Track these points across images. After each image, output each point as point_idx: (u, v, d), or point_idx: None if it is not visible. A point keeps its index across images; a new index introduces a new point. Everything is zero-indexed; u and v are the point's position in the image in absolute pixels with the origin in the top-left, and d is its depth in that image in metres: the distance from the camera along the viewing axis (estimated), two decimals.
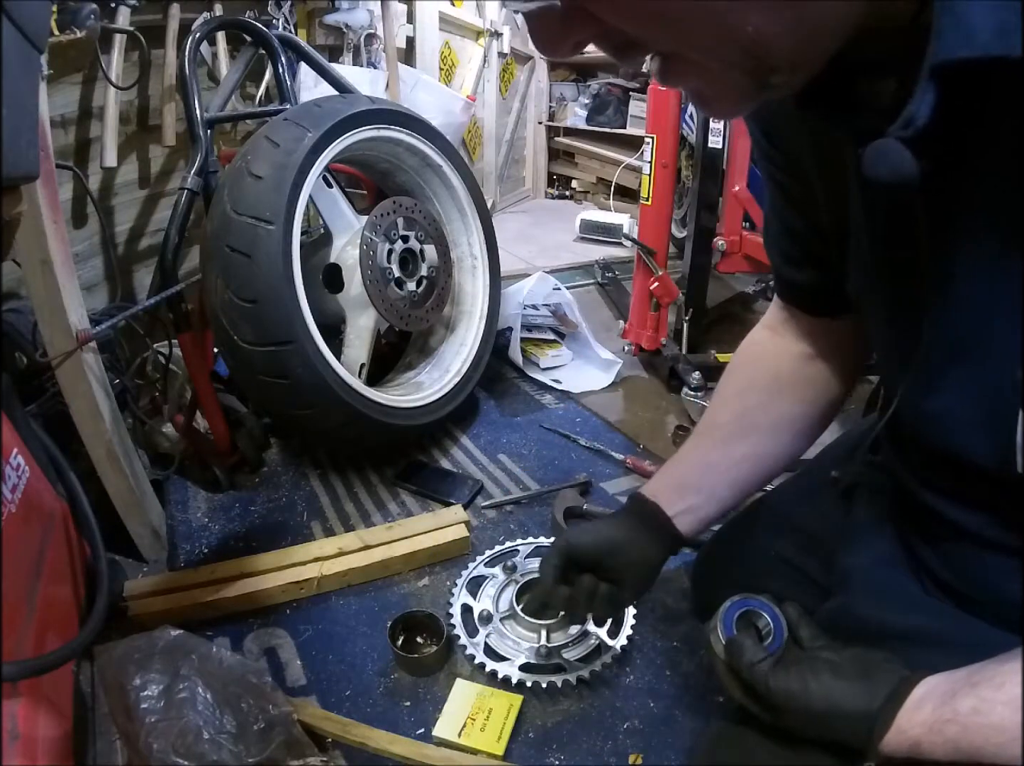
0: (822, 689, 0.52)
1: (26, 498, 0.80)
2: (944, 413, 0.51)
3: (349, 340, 1.46)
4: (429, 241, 1.50)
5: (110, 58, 1.55)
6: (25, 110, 0.61)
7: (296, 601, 1.11)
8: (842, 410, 0.83)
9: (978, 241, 0.44)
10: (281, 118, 1.30)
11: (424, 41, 2.74)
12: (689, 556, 1.19)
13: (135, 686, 0.76)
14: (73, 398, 1.02)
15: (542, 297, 1.94)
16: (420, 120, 1.51)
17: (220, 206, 1.20)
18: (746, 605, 0.62)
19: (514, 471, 1.47)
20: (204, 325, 1.32)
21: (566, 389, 1.80)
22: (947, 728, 0.44)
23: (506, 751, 0.87)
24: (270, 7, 1.95)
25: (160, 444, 1.38)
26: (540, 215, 3.78)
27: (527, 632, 1.00)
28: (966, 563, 0.58)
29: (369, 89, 2.02)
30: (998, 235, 0.43)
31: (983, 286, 0.45)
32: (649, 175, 1.76)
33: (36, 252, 0.92)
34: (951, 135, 0.40)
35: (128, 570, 1.15)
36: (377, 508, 1.35)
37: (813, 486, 0.86)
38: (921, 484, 0.60)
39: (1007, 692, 0.43)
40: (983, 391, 0.48)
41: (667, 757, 0.87)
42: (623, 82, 3.74)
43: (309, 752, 0.80)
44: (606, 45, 0.40)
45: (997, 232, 0.43)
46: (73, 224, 1.64)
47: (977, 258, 0.45)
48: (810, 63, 0.39)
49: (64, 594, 0.86)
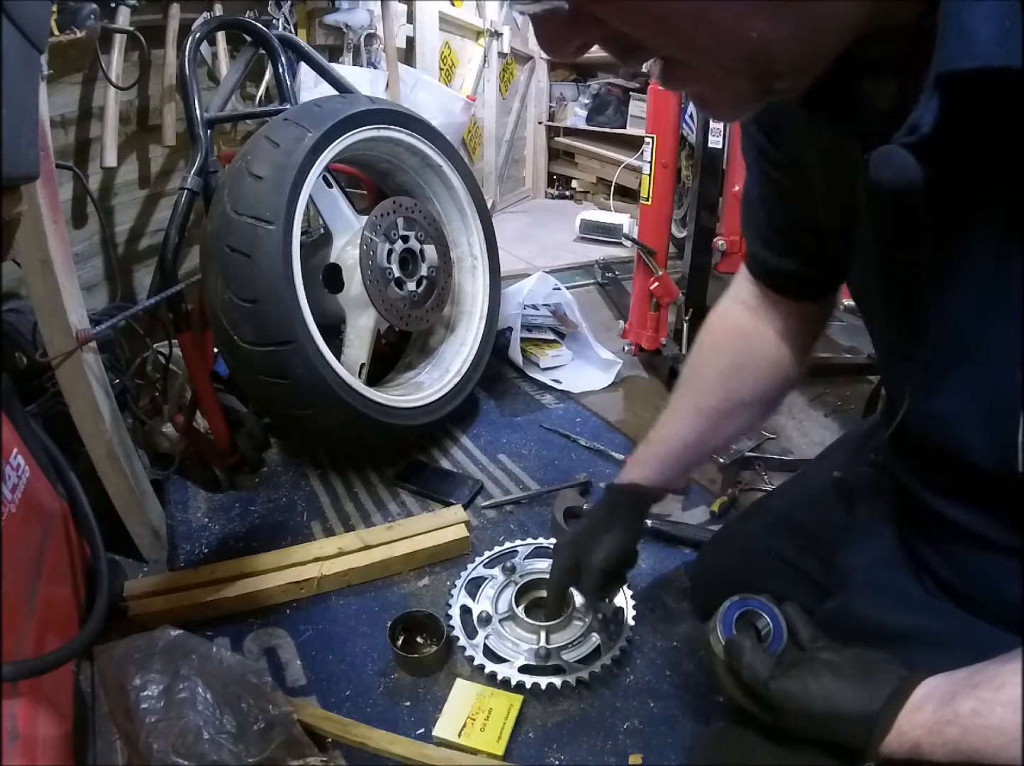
0: (822, 690, 0.52)
1: (26, 498, 0.80)
2: (946, 414, 0.52)
3: (349, 340, 1.46)
4: (429, 241, 1.50)
5: (110, 58, 1.55)
6: (25, 110, 0.61)
7: (296, 601, 1.11)
8: (842, 410, 0.84)
9: (979, 244, 0.45)
10: (281, 118, 1.30)
11: (424, 41, 2.74)
12: (689, 556, 1.20)
13: (135, 686, 0.76)
14: (73, 398, 1.02)
15: (542, 297, 1.94)
16: (420, 120, 1.51)
17: (220, 206, 1.20)
18: (746, 605, 0.63)
19: (514, 471, 1.47)
20: (204, 325, 1.32)
21: (566, 389, 1.80)
22: (947, 729, 0.44)
23: (506, 751, 0.87)
24: (270, 7, 1.95)
25: (160, 444, 1.38)
26: (540, 215, 3.78)
27: (526, 633, 1.00)
28: (967, 563, 0.58)
29: (369, 89, 2.02)
30: (998, 238, 0.43)
31: (983, 288, 0.45)
32: (649, 175, 1.76)
33: (36, 252, 0.92)
34: (955, 141, 0.40)
35: (128, 570, 1.15)
36: (377, 508, 1.35)
37: (814, 486, 0.86)
38: (922, 484, 0.61)
39: (1007, 693, 0.43)
40: (984, 392, 0.48)
41: (667, 757, 0.87)
42: (623, 82, 3.74)
43: (309, 752, 0.80)
44: (610, 47, 0.40)
45: (997, 235, 0.43)
46: (73, 224, 1.64)
47: (978, 261, 0.45)
48: (814, 67, 0.39)
49: (64, 594, 0.86)
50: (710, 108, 0.42)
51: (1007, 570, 0.54)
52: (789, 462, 1.44)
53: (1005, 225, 0.43)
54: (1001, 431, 0.47)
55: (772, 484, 1.39)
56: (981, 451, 0.50)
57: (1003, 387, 0.46)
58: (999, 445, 0.48)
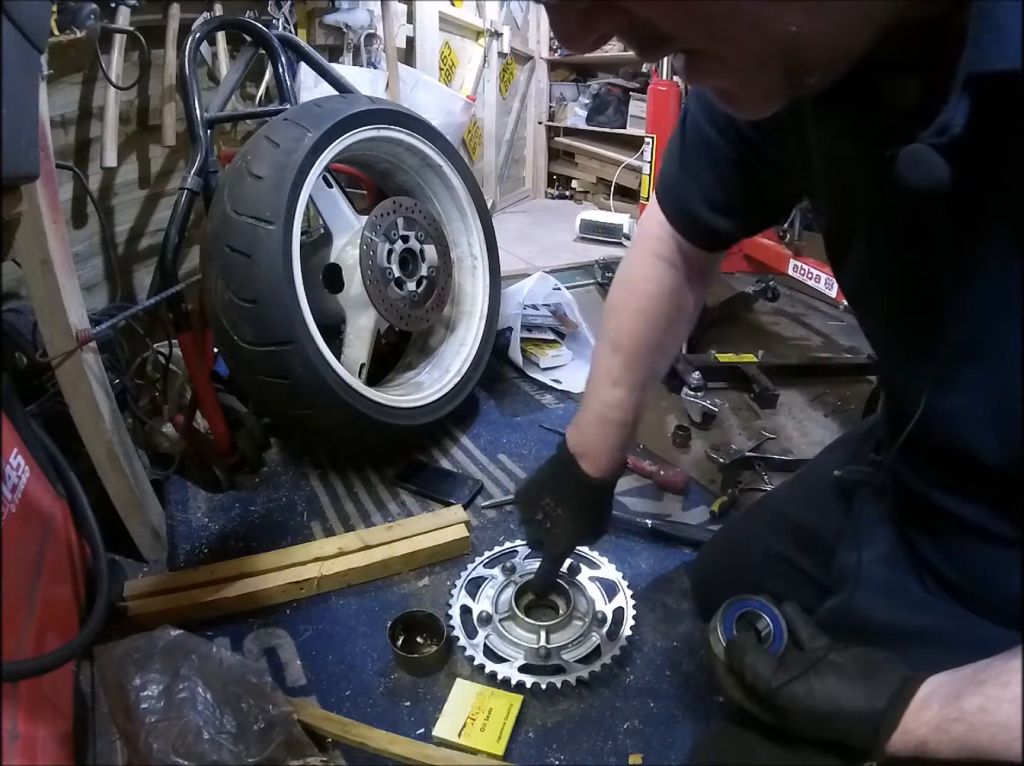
0: (826, 691, 0.52)
1: (26, 498, 0.80)
2: (955, 412, 0.52)
3: (349, 340, 1.46)
4: (429, 241, 1.50)
5: (110, 58, 1.55)
6: (25, 110, 0.61)
7: (296, 601, 1.11)
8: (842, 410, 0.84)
9: (996, 246, 0.45)
10: (281, 118, 1.30)
11: (424, 41, 2.74)
12: (689, 556, 1.20)
13: (135, 686, 0.76)
14: (73, 398, 1.02)
15: (542, 297, 1.94)
16: (420, 120, 1.51)
17: (220, 206, 1.20)
18: (745, 606, 0.63)
19: (514, 471, 1.47)
20: (204, 325, 1.32)
21: (566, 389, 1.80)
22: (954, 727, 0.44)
23: (506, 751, 0.87)
24: (270, 7, 1.95)
25: (160, 444, 1.38)
26: (540, 215, 3.78)
27: (526, 633, 1.00)
28: (967, 559, 0.59)
29: (369, 89, 2.02)
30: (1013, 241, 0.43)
31: (996, 289, 0.46)
32: (649, 175, 1.77)
33: (36, 252, 0.92)
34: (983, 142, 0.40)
35: (128, 570, 1.15)
36: (377, 508, 1.35)
37: (813, 486, 0.86)
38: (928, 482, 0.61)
39: (1013, 690, 0.43)
40: (992, 392, 0.48)
41: (667, 757, 0.87)
42: (623, 82, 3.74)
43: (309, 752, 0.80)
44: (631, 39, 0.38)
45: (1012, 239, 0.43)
46: (73, 224, 1.64)
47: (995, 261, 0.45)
48: (843, 63, 0.38)
49: (64, 594, 0.86)
50: (736, 104, 0.41)
51: (1008, 565, 0.54)
52: (789, 462, 1.44)
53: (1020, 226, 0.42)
54: (1009, 430, 0.47)
55: (772, 484, 1.39)
56: (989, 449, 0.50)
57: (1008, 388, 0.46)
58: (1006, 444, 0.48)
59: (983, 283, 0.46)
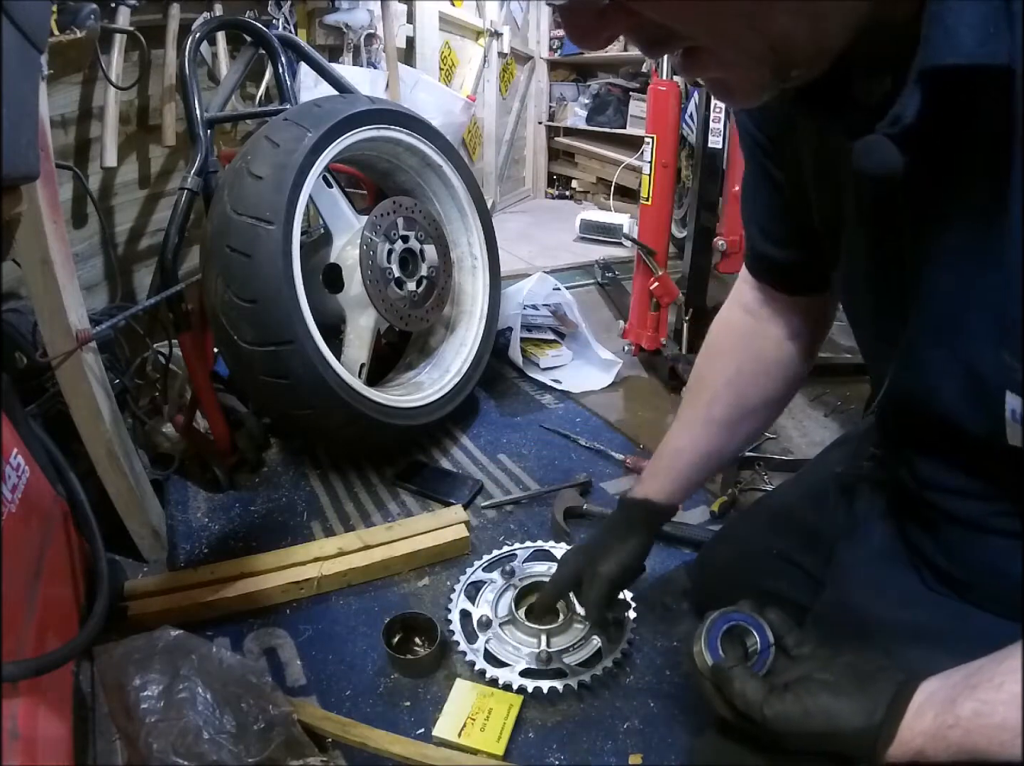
0: (820, 710, 0.51)
1: (26, 498, 0.80)
2: (932, 389, 0.53)
3: (349, 340, 1.46)
4: (429, 241, 1.50)
5: (110, 58, 1.55)
6: (25, 110, 0.61)
7: (296, 601, 1.11)
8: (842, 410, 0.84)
9: (952, 231, 0.47)
10: (281, 118, 1.30)
11: (424, 41, 2.75)
12: (689, 556, 1.19)
13: (135, 686, 0.76)
14: (73, 398, 1.02)
15: (542, 297, 1.94)
16: (420, 120, 1.51)
17: (220, 206, 1.20)
18: (728, 621, 0.60)
19: (514, 471, 1.47)
20: (204, 325, 1.32)
21: (566, 389, 1.80)
22: (950, 733, 0.44)
23: (506, 751, 0.87)
24: (270, 7, 1.95)
25: (160, 444, 1.38)
26: (540, 215, 3.78)
27: (527, 637, 1.00)
28: (963, 547, 0.59)
29: (369, 89, 2.02)
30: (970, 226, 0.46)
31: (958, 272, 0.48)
32: (649, 175, 1.76)
33: (36, 252, 0.92)
34: (936, 132, 0.43)
35: (128, 570, 1.15)
36: (377, 508, 1.35)
37: (814, 484, 0.86)
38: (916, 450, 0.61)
39: (1007, 691, 0.43)
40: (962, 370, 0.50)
41: (667, 757, 0.87)
42: (623, 82, 3.75)
43: (309, 752, 0.80)
44: (637, 38, 0.42)
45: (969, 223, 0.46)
46: (73, 224, 1.64)
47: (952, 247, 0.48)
48: (823, 59, 0.42)
49: (64, 594, 0.86)
50: (730, 95, 0.45)
51: (1008, 553, 0.55)
52: (789, 462, 1.44)
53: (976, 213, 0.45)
54: (986, 406, 0.49)
55: (772, 484, 1.39)
56: (970, 421, 0.52)
57: (977, 365, 0.48)
58: (986, 418, 0.49)
59: (944, 268, 0.49)
